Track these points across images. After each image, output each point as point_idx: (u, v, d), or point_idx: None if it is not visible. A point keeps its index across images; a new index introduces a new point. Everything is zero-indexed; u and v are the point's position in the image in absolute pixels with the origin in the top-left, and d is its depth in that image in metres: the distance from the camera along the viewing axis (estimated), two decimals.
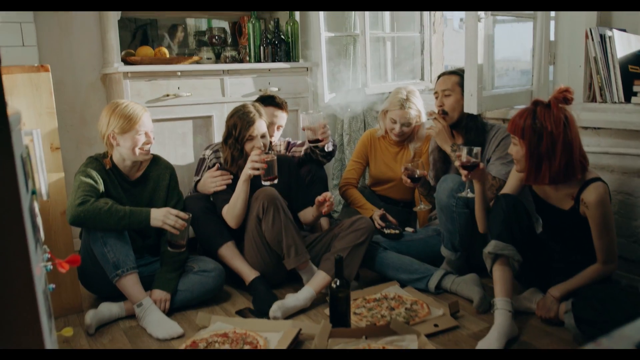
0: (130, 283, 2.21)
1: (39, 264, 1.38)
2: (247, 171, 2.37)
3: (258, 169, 2.33)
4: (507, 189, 2.21)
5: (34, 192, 1.43)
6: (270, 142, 2.67)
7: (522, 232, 2.12)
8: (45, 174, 1.70)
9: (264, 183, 2.37)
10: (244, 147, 2.50)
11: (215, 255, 2.50)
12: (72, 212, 2.14)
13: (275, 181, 2.37)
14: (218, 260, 2.49)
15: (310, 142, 2.57)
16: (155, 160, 2.50)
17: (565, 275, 2.13)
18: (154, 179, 2.45)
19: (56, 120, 2.22)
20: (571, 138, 1.94)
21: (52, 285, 1.50)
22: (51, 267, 1.49)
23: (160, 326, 2.13)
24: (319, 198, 2.46)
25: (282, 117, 2.83)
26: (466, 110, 2.37)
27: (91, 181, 2.23)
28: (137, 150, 2.30)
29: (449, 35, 4.30)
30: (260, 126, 2.50)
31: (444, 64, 3.80)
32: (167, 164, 2.51)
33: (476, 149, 2.10)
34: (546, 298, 2.10)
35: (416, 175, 2.38)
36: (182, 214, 2.22)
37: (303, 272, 2.39)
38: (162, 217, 2.20)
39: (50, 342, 1.38)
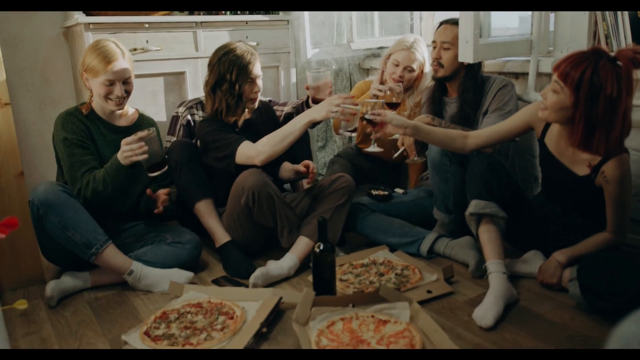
0: (110, 256, 1.99)
1: None
2: (321, 114, 2.04)
3: (336, 113, 2.00)
4: (483, 137, 2.01)
5: None
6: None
7: (502, 189, 1.97)
8: None
9: (343, 133, 2.08)
10: (242, 92, 2.23)
11: (190, 208, 2.29)
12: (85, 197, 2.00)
13: (354, 134, 2.10)
14: (193, 222, 2.31)
15: (313, 101, 2.31)
16: (141, 116, 2.30)
17: (565, 239, 1.98)
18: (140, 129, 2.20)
19: (4, 72, 1.99)
20: (630, 107, 1.67)
21: None
22: None
23: (164, 280, 2.01)
24: (301, 168, 2.27)
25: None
26: (461, 59, 2.16)
27: (79, 150, 2.04)
28: (105, 99, 2.08)
29: None
30: (258, 66, 2.24)
31: (435, 19, 3.57)
32: (152, 121, 2.30)
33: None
34: (549, 262, 1.94)
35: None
36: (140, 133, 1.93)
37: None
38: (122, 155, 1.94)
39: None
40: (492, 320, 1.71)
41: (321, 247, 1.81)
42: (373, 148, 2.05)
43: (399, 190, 2.52)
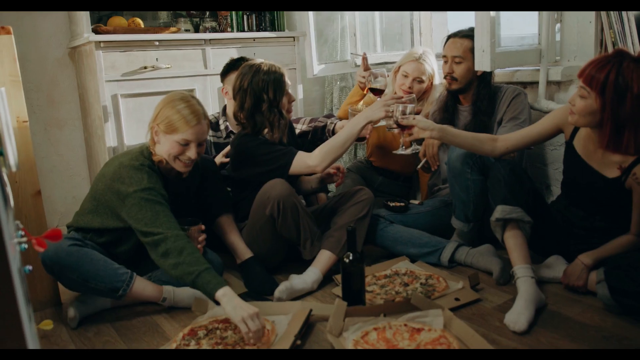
0: (139, 291, 1.92)
1: (13, 240, 1.15)
2: (379, 114, 2.05)
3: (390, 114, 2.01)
4: (513, 140, 2.03)
5: (0, 153, 1.20)
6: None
7: (526, 194, 1.98)
8: (14, 140, 1.46)
9: (390, 129, 2.11)
10: (282, 107, 2.21)
11: (210, 223, 2.23)
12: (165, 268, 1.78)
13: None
14: (210, 238, 2.26)
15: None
16: None
17: (586, 243, 1.99)
18: (187, 180, 2.12)
19: (22, 90, 1.96)
20: None
21: (29, 267, 1.27)
22: (26, 246, 1.26)
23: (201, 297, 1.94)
24: (331, 171, 2.29)
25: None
26: (477, 68, 2.20)
27: (164, 207, 1.85)
28: (174, 159, 1.95)
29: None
30: (288, 85, 2.23)
31: (433, 33, 3.63)
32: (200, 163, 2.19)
33: (410, 108, 1.97)
34: (575, 265, 1.95)
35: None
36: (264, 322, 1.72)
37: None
38: (247, 315, 1.64)
39: (30, 332, 1.15)
40: (526, 325, 1.71)
41: (351, 257, 1.80)
42: (402, 151, 2.06)
43: (414, 202, 2.52)
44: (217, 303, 1.74)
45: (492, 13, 2.09)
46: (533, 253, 2.18)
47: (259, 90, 2.15)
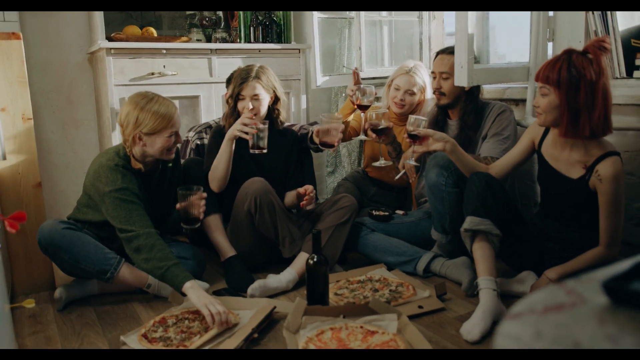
0: (126, 275, 2.06)
1: None
2: (234, 132, 2.21)
3: (247, 133, 2.18)
4: (499, 166, 2.10)
5: None
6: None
7: (499, 207, 2.00)
8: (1, 132, 1.63)
9: (251, 151, 2.22)
10: (236, 105, 2.39)
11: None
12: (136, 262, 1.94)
13: (264, 151, 2.22)
14: (201, 237, 2.40)
15: (321, 144, 2.31)
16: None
17: (560, 257, 2.00)
18: (168, 176, 2.26)
19: (28, 90, 2.15)
20: (607, 87, 1.82)
21: None
22: None
23: None
24: (300, 190, 2.35)
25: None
26: (456, 83, 2.25)
27: (138, 206, 1.97)
28: (166, 152, 2.08)
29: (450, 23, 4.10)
30: (251, 87, 2.34)
31: None
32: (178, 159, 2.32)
33: (424, 122, 2.02)
34: (541, 280, 1.97)
35: (380, 127, 2.27)
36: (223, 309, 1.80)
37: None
38: (208, 301, 1.79)
39: None
40: (478, 335, 1.74)
41: (315, 259, 1.88)
42: (412, 162, 2.13)
43: (399, 212, 2.58)
44: (184, 295, 1.86)
45: (470, 30, 2.14)
46: (508, 267, 2.21)
47: (232, 80, 2.43)
